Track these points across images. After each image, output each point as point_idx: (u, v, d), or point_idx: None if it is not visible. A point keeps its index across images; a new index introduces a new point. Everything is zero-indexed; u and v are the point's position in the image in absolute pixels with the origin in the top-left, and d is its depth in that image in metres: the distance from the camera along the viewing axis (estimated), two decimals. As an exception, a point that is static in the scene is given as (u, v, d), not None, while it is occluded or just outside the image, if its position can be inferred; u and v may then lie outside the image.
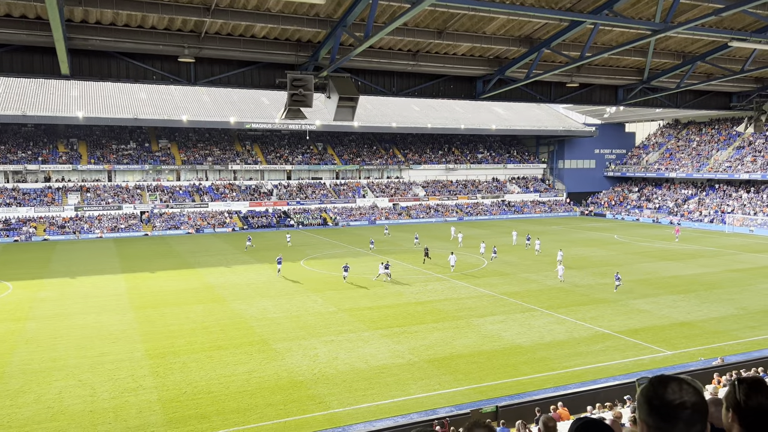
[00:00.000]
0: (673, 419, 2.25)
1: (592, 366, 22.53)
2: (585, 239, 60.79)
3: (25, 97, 71.10)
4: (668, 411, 2.26)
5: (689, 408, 2.24)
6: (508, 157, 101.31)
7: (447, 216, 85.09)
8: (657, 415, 2.27)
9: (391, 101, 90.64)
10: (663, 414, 2.26)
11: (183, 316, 29.99)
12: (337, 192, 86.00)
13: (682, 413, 2.24)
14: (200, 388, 20.38)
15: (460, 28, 16.08)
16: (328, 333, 26.77)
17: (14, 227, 65.84)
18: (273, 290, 36.05)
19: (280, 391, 20.07)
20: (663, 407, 2.27)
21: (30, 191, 72.05)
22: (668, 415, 2.26)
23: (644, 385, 2.36)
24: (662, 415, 2.26)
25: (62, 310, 31.30)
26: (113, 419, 17.94)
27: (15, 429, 17.29)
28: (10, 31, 14.07)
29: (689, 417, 2.24)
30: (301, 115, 16.68)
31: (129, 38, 14.67)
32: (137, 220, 71.56)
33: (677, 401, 2.26)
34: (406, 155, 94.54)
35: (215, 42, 15.47)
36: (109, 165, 76.26)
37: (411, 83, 19.66)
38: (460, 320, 28.88)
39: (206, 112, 77.69)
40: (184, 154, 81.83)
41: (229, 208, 77.61)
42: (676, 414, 2.25)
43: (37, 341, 25.76)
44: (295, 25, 14.61)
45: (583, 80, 20.94)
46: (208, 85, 17.28)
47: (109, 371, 21.97)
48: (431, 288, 36.31)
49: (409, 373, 21.68)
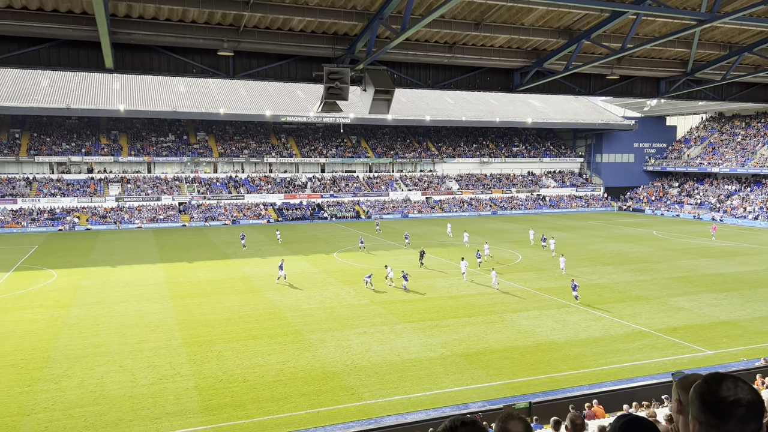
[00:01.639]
0: (726, 416, 2.20)
1: (628, 364, 22.13)
2: (623, 235, 59.61)
3: (70, 90, 73.20)
4: (722, 408, 2.21)
5: (744, 405, 2.19)
6: (544, 150, 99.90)
7: (481, 210, 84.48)
8: (710, 411, 2.23)
9: (426, 94, 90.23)
10: (716, 411, 2.21)
11: (219, 305, 30.55)
12: (370, 185, 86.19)
13: (736, 410, 2.19)
14: (235, 376, 20.75)
15: (497, 19, 15.89)
16: (360, 325, 26.93)
17: (59, 216, 67.99)
18: (307, 281, 36.42)
19: (314, 382, 20.29)
20: (716, 404, 2.22)
21: (73, 182, 74.24)
22: (721, 412, 2.21)
23: (698, 381, 2.31)
24: (715, 412, 2.22)
25: (104, 298, 32.23)
26: (152, 405, 18.42)
27: (59, 412, 17.92)
28: (57, 25, 14.49)
29: (743, 415, 2.18)
30: (337, 108, 16.76)
31: (170, 32, 14.95)
32: (175, 211, 73.06)
33: (731, 398, 2.20)
34: (439, 148, 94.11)
35: (253, 35, 15.64)
36: (149, 157, 78.00)
37: (447, 76, 19.53)
38: (493, 315, 28.70)
39: (243, 105, 78.67)
40: (221, 146, 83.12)
41: (264, 200, 78.58)
42: (730, 411, 2.20)
43: (80, 327, 26.60)
44: (332, 18, 14.66)
45: (624, 72, 20.47)
46: (246, 78, 17.49)
47: (148, 358, 22.55)
48: (464, 282, 36.13)
49: (441, 367, 21.66)
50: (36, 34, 15.43)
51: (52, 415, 17.66)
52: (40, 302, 31.29)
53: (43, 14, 14.68)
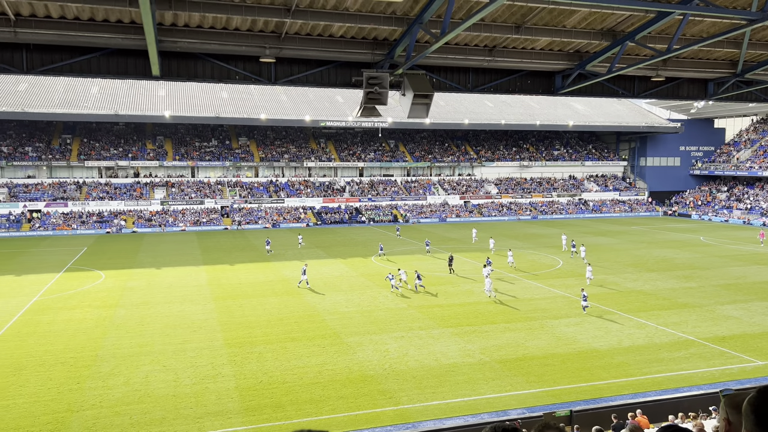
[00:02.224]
0: None
1: (674, 374, 21.50)
2: (668, 241, 58.00)
3: (118, 97, 75.62)
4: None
5: None
6: (586, 154, 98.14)
7: (520, 214, 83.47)
8: (764, 425, 2.16)
9: (464, 97, 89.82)
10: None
11: (260, 307, 31.02)
12: (408, 189, 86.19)
13: None
14: (275, 377, 21.02)
15: (539, 22, 15.74)
16: (398, 329, 26.93)
17: (106, 219, 70.21)
18: (345, 285, 36.63)
19: (351, 385, 20.39)
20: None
21: (121, 186, 76.58)
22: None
23: (752, 394, 2.24)
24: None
25: (149, 299, 33.11)
26: (194, 404, 18.81)
27: (106, 409, 18.47)
28: (107, 35, 15.03)
29: None
30: (376, 113, 16.86)
31: (214, 40, 15.32)
32: (218, 215, 74.55)
33: None
34: (478, 152, 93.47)
35: (295, 42, 15.88)
36: (193, 161, 79.87)
37: (487, 79, 19.43)
38: (533, 321, 28.30)
39: (283, 110, 79.81)
40: (262, 151, 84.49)
41: (303, 203, 79.47)
42: None
43: (126, 327, 27.39)
44: (372, 23, 14.78)
45: (670, 74, 19.98)
46: (288, 84, 17.77)
47: (190, 358, 23.05)
48: (503, 288, 35.75)
49: (479, 373, 21.47)
50: (87, 44, 16.02)
51: (99, 412, 18.23)
52: (88, 302, 32.35)
53: (93, 24, 15.25)
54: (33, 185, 73.58)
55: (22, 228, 66.82)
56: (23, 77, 74.36)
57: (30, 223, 68.28)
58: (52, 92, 74.34)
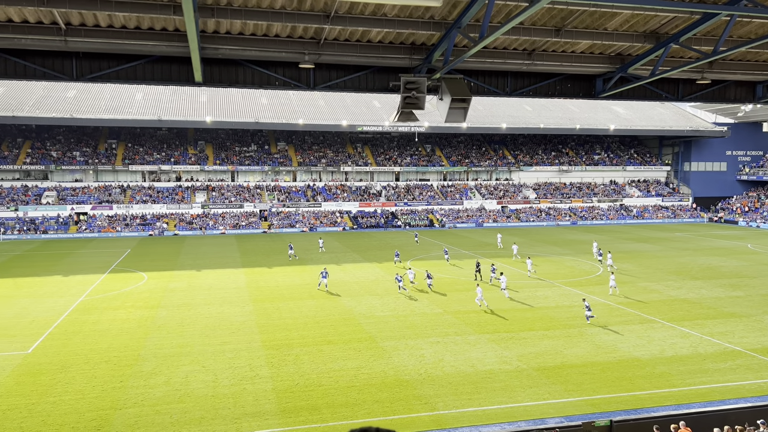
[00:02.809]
0: None
1: (719, 385, 20.81)
2: (713, 248, 56.24)
3: (161, 103, 77.73)
4: None
5: None
6: (627, 158, 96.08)
7: (559, 220, 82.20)
8: None
9: (502, 101, 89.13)
10: None
11: (297, 310, 31.32)
12: (444, 193, 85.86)
13: None
14: (311, 380, 21.18)
15: (579, 25, 15.53)
16: (434, 334, 26.81)
17: (149, 222, 72.05)
18: (380, 289, 36.69)
19: (387, 389, 20.39)
20: None
21: (163, 189, 78.51)
22: None
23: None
24: None
25: (189, 300, 33.81)
26: (232, 405, 19.10)
27: (147, 407, 18.92)
28: (152, 43, 15.49)
29: None
30: (413, 117, 16.90)
31: (255, 46, 15.61)
32: (257, 218, 75.67)
33: None
34: (516, 156, 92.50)
35: (333, 48, 16.06)
36: (233, 166, 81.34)
37: (525, 83, 19.26)
38: (572, 329, 27.80)
39: (321, 115, 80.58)
40: (300, 156, 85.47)
41: (340, 208, 80.00)
42: None
43: (167, 328, 28.02)
44: (410, 28, 14.83)
45: (716, 77, 19.44)
46: (326, 89, 17.97)
47: (229, 359, 23.42)
48: (541, 294, 35.25)
49: (517, 380, 21.21)
50: (133, 51, 16.54)
51: (141, 410, 18.68)
52: (131, 303, 33.23)
53: (139, 32, 15.73)
54: (80, 188, 76.07)
55: (69, 230, 69.13)
56: (72, 84, 77.18)
57: (77, 225, 70.60)
58: (99, 98, 76.85)
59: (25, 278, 41.12)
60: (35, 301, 33.58)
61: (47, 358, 23.44)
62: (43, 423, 17.67)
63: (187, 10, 11.49)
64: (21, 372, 21.91)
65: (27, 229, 67.90)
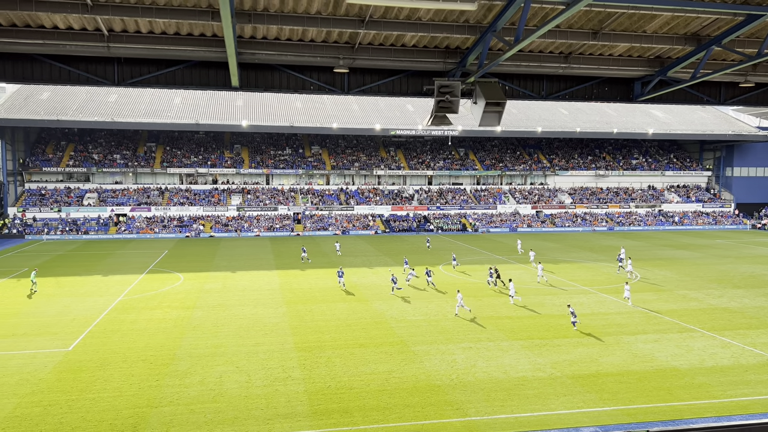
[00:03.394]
0: None
1: (762, 397, 20.11)
2: (757, 256, 54.46)
3: (198, 107, 79.30)
4: None
5: None
6: (666, 163, 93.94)
7: (596, 225, 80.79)
8: None
9: (537, 105, 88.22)
10: None
11: (329, 312, 31.49)
12: (478, 198, 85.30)
13: None
14: (343, 383, 21.24)
15: (617, 27, 15.26)
16: (466, 339, 26.62)
17: (186, 224, 73.47)
18: (412, 293, 36.60)
19: (418, 394, 20.31)
20: None
21: (200, 192, 80.00)
22: None
23: None
24: None
25: (224, 301, 34.32)
26: (265, 406, 19.29)
27: (182, 406, 19.25)
28: (190, 48, 15.82)
29: None
30: (447, 121, 16.85)
31: (290, 51, 15.81)
32: (290, 221, 76.44)
33: None
34: (551, 160, 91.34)
35: (368, 52, 16.14)
36: (267, 169, 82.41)
37: (561, 86, 19.01)
38: (607, 336, 27.26)
39: (355, 119, 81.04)
40: (333, 159, 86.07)
41: (372, 211, 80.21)
42: None
43: (202, 328, 28.49)
44: (444, 32, 14.80)
45: (760, 79, 18.87)
46: (360, 94, 18.06)
47: (262, 360, 23.67)
48: (577, 301, 34.67)
49: (550, 388, 20.89)
50: (172, 57, 16.92)
51: (176, 408, 19.02)
52: (168, 303, 33.91)
53: (178, 38, 16.08)
54: (120, 190, 78.07)
55: (109, 231, 70.98)
56: (114, 88, 79.37)
57: (117, 226, 72.45)
58: (139, 103, 78.81)
59: (67, 277, 42.36)
60: (76, 300, 34.55)
61: (87, 356, 24.08)
62: (83, 419, 18.14)
63: (224, 15, 11.70)
64: (62, 369, 22.55)
65: (69, 230, 69.97)
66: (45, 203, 73.89)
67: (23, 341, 26.16)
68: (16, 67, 17.83)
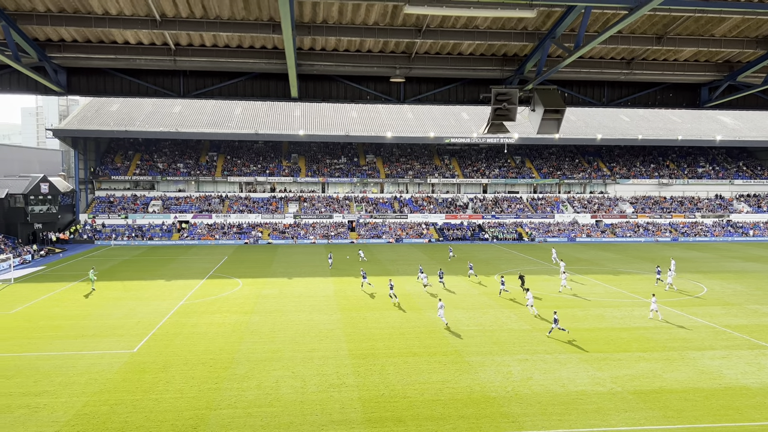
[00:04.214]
0: None
1: None
2: (836, 270, 51.15)
3: (258, 117, 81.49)
4: None
5: None
6: (735, 171, 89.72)
7: (659, 236, 77.89)
8: None
9: (597, 111, 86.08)
10: None
11: (382, 320, 31.58)
12: (534, 206, 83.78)
13: None
14: (397, 391, 21.23)
15: (683, 32, 14.75)
16: (522, 351, 26.13)
17: (245, 231, 75.35)
18: (466, 303, 36.25)
19: (473, 405, 20.07)
20: None
21: (258, 200, 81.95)
22: None
23: None
24: None
25: (280, 307, 34.96)
26: (319, 411, 19.50)
27: (240, 409, 19.70)
28: (252, 60, 16.30)
29: None
30: (503, 129, 16.68)
31: (348, 62, 16.05)
32: (345, 228, 77.20)
33: None
34: (612, 168, 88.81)
35: (424, 61, 16.19)
36: (323, 178, 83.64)
37: (623, 93, 18.51)
38: (671, 351, 26.19)
39: (409, 128, 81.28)
40: (387, 168, 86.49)
41: (426, 219, 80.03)
42: None
43: (259, 333, 29.10)
44: (502, 39, 14.69)
45: (841, 83, 17.79)
46: (416, 103, 18.13)
47: (317, 366, 23.96)
48: (638, 314, 33.49)
49: (611, 403, 20.23)
50: (234, 69, 17.47)
51: (234, 411, 19.48)
52: (227, 308, 34.82)
53: (240, 51, 16.60)
54: (183, 198, 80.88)
55: (172, 237, 73.61)
56: (178, 100, 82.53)
57: (179, 233, 75.05)
58: (202, 113, 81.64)
59: (133, 281, 44.15)
60: (141, 304, 35.96)
61: (150, 358, 25.00)
62: (146, 419, 18.83)
63: (285, 28, 12.01)
64: (127, 369, 23.49)
65: (135, 236, 72.98)
66: (113, 210, 77.37)
67: (92, 342, 27.43)
68: (90, 81, 18.82)
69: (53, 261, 56.13)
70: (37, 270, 50.21)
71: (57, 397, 20.50)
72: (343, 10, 13.90)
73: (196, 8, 14.34)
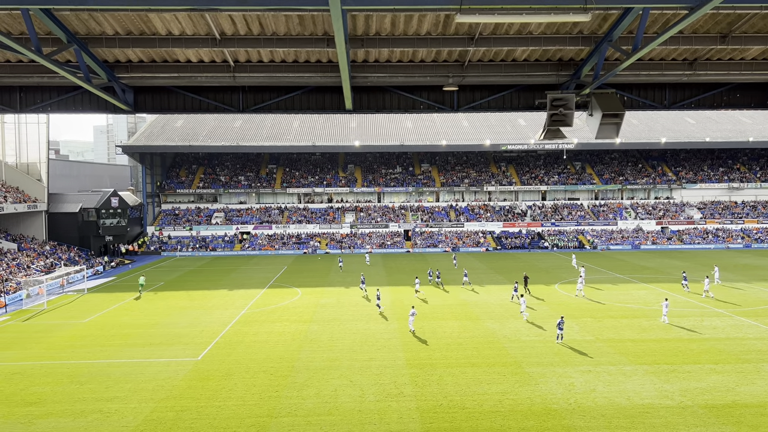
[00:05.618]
0: None
1: None
2: None
3: (315, 130, 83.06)
4: None
5: None
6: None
7: (730, 242, 74.20)
8: None
9: (660, 114, 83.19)
10: None
11: (439, 330, 31.39)
12: (596, 213, 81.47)
13: None
14: (455, 402, 21.03)
15: (749, 29, 14.13)
16: (584, 362, 25.41)
17: (304, 241, 76.69)
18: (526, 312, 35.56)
19: (534, 417, 19.64)
20: None
21: (316, 210, 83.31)
22: None
23: None
24: None
25: (338, 316, 35.33)
26: (378, 421, 19.54)
27: (300, 417, 19.98)
28: (308, 74, 16.67)
29: None
30: (560, 134, 16.37)
31: (401, 72, 16.17)
32: (401, 238, 77.36)
33: None
34: (677, 173, 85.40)
35: (477, 69, 16.13)
36: (379, 188, 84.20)
37: (686, 95, 17.85)
38: (746, 364, 24.86)
39: (464, 136, 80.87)
40: (442, 176, 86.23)
41: (483, 228, 79.17)
42: None
43: (318, 342, 29.48)
44: (556, 45, 14.48)
45: None
46: (470, 111, 18.06)
47: (375, 375, 24.04)
48: (709, 324, 31.99)
49: (680, 417, 19.37)
50: (291, 83, 17.91)
51: (294, 420, 19.78)
52: (287, 317, 35.47)
53: (296, 65, 17.01)
54: (244, 210, 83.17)
55: (234, 248, 75.72)
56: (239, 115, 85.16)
57: (241, 243, 77.14)
58: (261, 127, 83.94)
59: (197, 291, 45.65)
60: (205, 313, 37.11)
61: (214, 365, 25.74)
62: (210, 426, 19.37)
63: (339, 42, 12.25)
64: (192, 377, 24.27)
65: (199, 247, 75.49)
66: (178, 222, 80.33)
67: (159, 350, 28.50)
68: (155, 99, 19.72)
69: (123, 272, 58.77)
70: (109, 280, 52.69)
71: (127, 403, 21.39)
72: (396, 22, 14.06)
73: (253, 26, 14.83)
